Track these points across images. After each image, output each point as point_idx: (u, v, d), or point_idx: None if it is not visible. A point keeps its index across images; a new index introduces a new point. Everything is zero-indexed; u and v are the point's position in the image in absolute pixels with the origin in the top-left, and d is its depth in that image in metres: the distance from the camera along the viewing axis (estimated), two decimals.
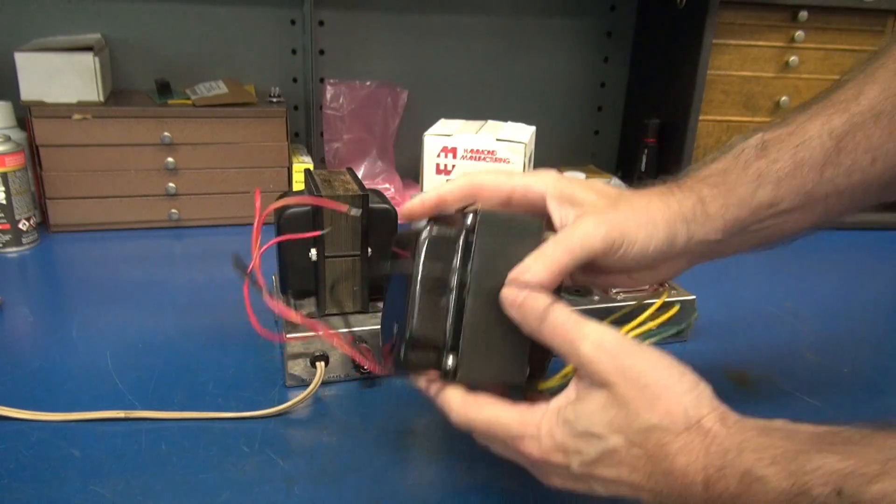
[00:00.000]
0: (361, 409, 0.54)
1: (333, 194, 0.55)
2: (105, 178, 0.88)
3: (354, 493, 0.44)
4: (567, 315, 0.37)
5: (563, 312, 0.37)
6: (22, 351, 0.61)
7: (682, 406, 0.34)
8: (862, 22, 0.98)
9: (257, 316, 0.68)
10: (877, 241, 1.00)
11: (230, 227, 0.94)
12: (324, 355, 0.55)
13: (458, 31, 1.12)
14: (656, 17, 1.12)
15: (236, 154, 0.91)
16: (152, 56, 1.02)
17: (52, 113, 0.84)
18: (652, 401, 0.35)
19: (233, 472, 0.46)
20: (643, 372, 0.35)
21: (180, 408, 0.52)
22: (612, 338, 0.36)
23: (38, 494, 0.43)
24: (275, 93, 0.97)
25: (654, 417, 0.34)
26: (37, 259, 0.82)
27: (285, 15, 1.05)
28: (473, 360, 0.40)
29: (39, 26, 0.97)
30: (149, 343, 0.62)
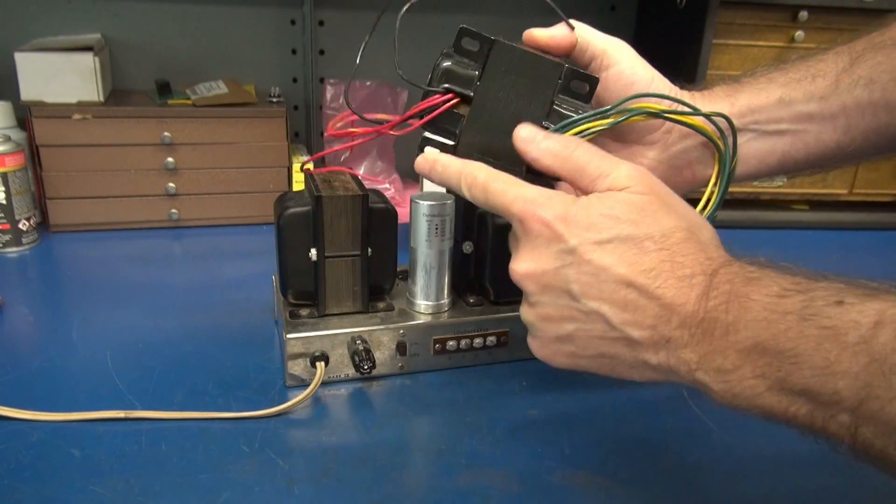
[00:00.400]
0: (361, 409, 0.54)
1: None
2: (105, 178, 0.88)
3: (354, 493, 0.44)
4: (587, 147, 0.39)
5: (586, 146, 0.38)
6: (22, 351, 0.61)
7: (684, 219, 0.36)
8: (862, 22, 0.97)
9: (257, 315, 0.68)
10: (877, 241, 1.00)
11: (230, 227, 0.94)
12: (324, 355, 0.55)
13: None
14: (656, 17, 1.11)
15: (236, 154, 0.91)
16: (152, 56, 1.02)
17: (52, 113, 0.84)
18: (669, 206, 0.36)
19: (233, 472, 0.46)
20: (660, 192, 0.36)
21: (180, 408, 0.52)
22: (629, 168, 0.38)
23: (38, 494, 0.43)
24: (275, 93, 0.97)
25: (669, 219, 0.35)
26: (37, 259, 0.82)
27: (285, 15, 1.05)
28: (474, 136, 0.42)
29: (39, 26, 0.97)
30: (149, 343, 0.62)
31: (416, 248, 0.57)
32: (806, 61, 0.47)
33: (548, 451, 0.49)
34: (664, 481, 0.46)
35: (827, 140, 0.45)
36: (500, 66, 0.41)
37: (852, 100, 0.44)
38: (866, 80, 0.44)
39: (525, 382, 0.58)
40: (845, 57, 0.45)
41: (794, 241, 0.98)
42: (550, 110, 0.42)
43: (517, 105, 0.42)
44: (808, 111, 0.45)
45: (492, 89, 0.41)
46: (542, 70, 0.42)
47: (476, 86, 0.41)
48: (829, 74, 0.45)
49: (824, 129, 0.45)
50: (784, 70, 0.47)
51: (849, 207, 1.05)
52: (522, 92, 0.42)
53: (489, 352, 0.60)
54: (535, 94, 0.42)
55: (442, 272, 0.57)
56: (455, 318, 0.58)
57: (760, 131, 0.45)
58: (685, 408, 0.54)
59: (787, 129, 0.45)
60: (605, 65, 0.45)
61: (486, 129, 0.42)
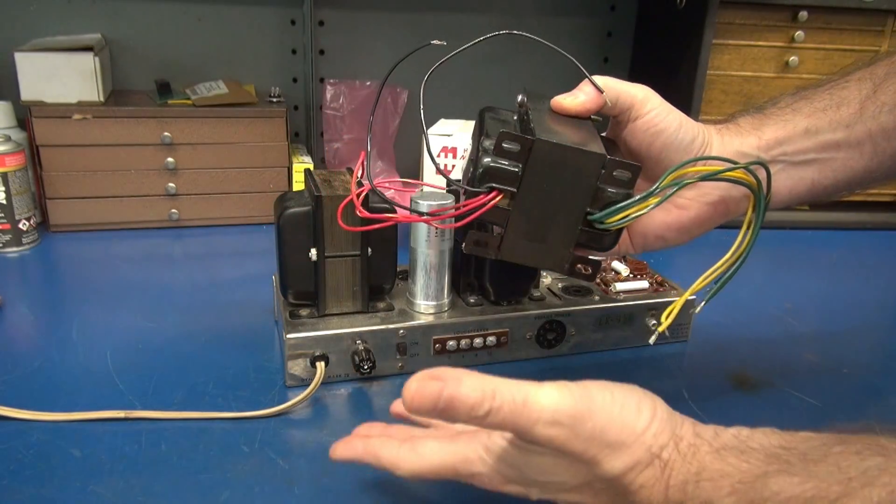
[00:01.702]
0: (361, 409, 0.54)
1: (337, 191, 0.55)
2: (105, 178, 0.88)
3: (354, 493, 0.44)
4: (509, 400, 0.32)
5: (503, 397, 0.32)
6: (22, 351, 0.61)
7: (645, 445, 0.33)
8: (862, 22, 0.98)
9: (257, 315, 0.68)
10: (877, 241, 1.00)
11: (230, 227, 0.94)
12: (324, 355, 0.55)
13: (458, 31, 1.12)
14: (656, 17, 1.11)
15: (236, 154, 0.91)
16: (152, 56, 1.02)
17: (52, 113, 0.84)
18: (614, 451, 0.33)
19: (233, 472, 0.46)
20: (602, 426, 0.33)
21: (180, 408, 0.52)
22: (565, 408, 0.32)
23: (38, 494, 0.43)
24: (275, 93, 0.97)
25: (618, 465, 0.33)
26: (37, 259, 0.82)
27: (285, 15, 1.05)
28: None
29: (39, 26, 0.97)
30: (149, 343, 0.62)
31: (416, 248, 0.57)
32: (828, 89, 0.47)
33: None
34: None
35: (855, 166, 0.46)
36: (542, 162, 0.42)
37: (877, 126, 0.44)
38: (891, 106, 0.44)
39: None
40: (868, 83, 0.46)
41: (794, 240, 0.98)
42: (595, 197, 0.43)
43: (561, 195, 0.43)
44: (835, 140, 0.45)
45: (535, 184, 0.42)
46: (584, 162, 0.42)
47: (519, 182, 0.42)
48: (853, 102, 0.45)
49: (851, 155, 0.45)
50: (808, 99, 0.47)
51: (849, 207, 1.05)
52: (566, 184, 0.43)
53: (489, 352, 0.60)
54: (577, 184, 0.43)
55: (442, 272, 0.57)
56: (455, 318, 0.58)
57: (788, 162, 0.45)
58: (686, 408, 0.54)
59: (815, 159, 0.46)
60: (633, 116, 0.46)
61: (530, 220, 0.43)
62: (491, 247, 0.43)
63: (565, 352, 0.63)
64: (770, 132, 0.46)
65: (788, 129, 0.46)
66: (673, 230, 0.47)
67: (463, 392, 0.32)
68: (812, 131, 0.45)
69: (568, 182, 0.43)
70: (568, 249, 0.44)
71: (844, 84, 0.47)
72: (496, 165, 0.43)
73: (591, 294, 0.64)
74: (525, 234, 0.43)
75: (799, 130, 0.45)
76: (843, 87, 0.46)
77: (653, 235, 0.47)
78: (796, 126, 0.46)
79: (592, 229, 0.44)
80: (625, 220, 0.43)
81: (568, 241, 0.43)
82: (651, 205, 0.42)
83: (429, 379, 0.33)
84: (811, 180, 0.46)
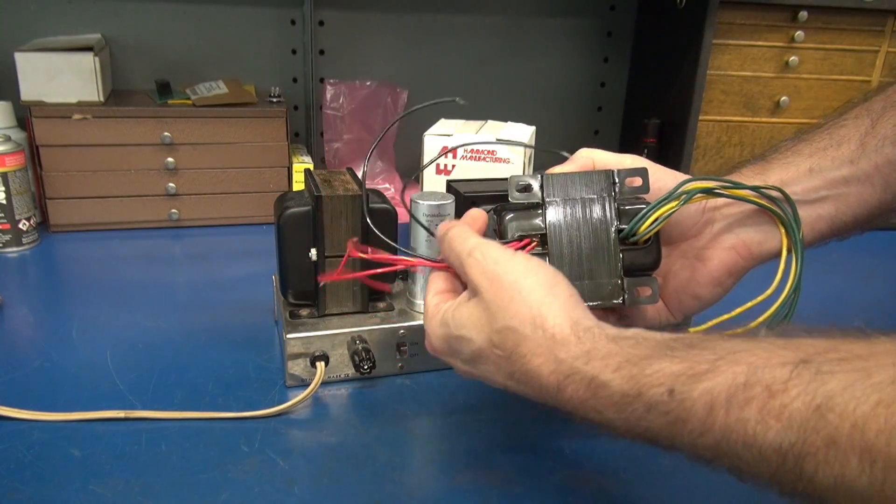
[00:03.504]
0: (361, 409, 0.54)
1: (330, 198, 0.54)
2: (105, 178, 0.88)
3: (354, 493, 0.44)
4: (461, 231, 0.42)
5: (459, 229, 0.42)
6: (22, 351, 0.61)
7: (529, 308, 0.36)
8: (862, 22, 0.98)
9: (257, 315, 0.68)
10: (877, 241, 1.00)
11: (230, 227, 0.94)
12: (324, 355, 0.55)
13: (458, 31, 1.12)
14: (656, 17, 1.12)
15: (236, 154, 0.91)
16: (152, 56, 1.02)
17: (52, 113, 0.84)
18: (507, 302, 0.37)
19: (233, 472, 0.46)
20: (508, 277, 0.37)
21: (180, 408, 0.52)
22: (493, 249, 0.39)
23: (38, 494, 0.43)
24: (275, 93, 0.97)
25: (507, 318, 0.37)
26: (37, 259, 0.82)
27: (285, 15, 1.05)
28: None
29: (39, 26, 0.97)
30: (149, 343, 0.62)
31: (416, 248, 0.57)
32: (827, 129, 0.47)
33: (548, 450, 0.49)
34: (664, 481, 0.46)
35: (869, 198, 0.46)
36: (557, 194, 0.44)
37: (883, 158, 0.45)
38: (892, 139, 0.45)
39: None
40: (865, 119, 0.46)
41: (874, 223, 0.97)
42: (618, 212, 0.44)
43: (587, 221, 0.44)
44: (842, 176, 0.46)
45: (559, 217, 0.44)
46: (595, 183, 0.44)
47: (544, 220, 0.44)
48: (853, 139, 0.46)
49: (863, 189, 0.46)
50: (808, 141, 0.48)
51: None
52: (587, 208, 0.44)
53: None
54: (597, 205, 0.44)
55: None
56: None
57: (800, 201, 0.46)
58: None
59: (826, 196, 0.46)
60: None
61: (571, 259, 0.44)
62: None
63: None
64: (775, 175, 0.46)
65: (792, 171, 0.46)
66: (703, 284, 0.47)
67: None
68: (816, 170, 0.46)
69: (588, 207, 0.44)
70: (617, 277, 0.44)
71: (843, 123, 0.47)
72: (518, 217, 0.44)
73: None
74: (570, 273, 0.43)
75: (803, 171, 0.46)
76: (842, 126, 0.47)
77: (686, 295, 0.47)
78: (799, 167, 0.46)
79: (632, 247, 0.44)
80: (657, 224, 0.43)
81: (613, 269, 0.44)
82: (676, 206, 0.43)
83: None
84: (829, 217, 0.46)
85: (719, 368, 0.29)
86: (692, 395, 0.29)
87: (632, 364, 0.32)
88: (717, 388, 0.29)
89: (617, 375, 0.33)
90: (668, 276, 0.48)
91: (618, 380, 0.32)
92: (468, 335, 0.39)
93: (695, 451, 0.30)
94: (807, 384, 0.27)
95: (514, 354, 0.37)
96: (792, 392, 0.27)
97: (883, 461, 0.24)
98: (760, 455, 0.27)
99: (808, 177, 0.46)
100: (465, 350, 0.40)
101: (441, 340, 0.42)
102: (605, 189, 0.44)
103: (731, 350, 0.30)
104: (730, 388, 0.28)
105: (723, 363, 0.30)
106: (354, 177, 0.60)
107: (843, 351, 0.27)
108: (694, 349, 0.31)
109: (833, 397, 0.26)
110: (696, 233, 0.47)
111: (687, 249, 0.48)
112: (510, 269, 0.38)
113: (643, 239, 0.44)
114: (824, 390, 0.26)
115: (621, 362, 0.33)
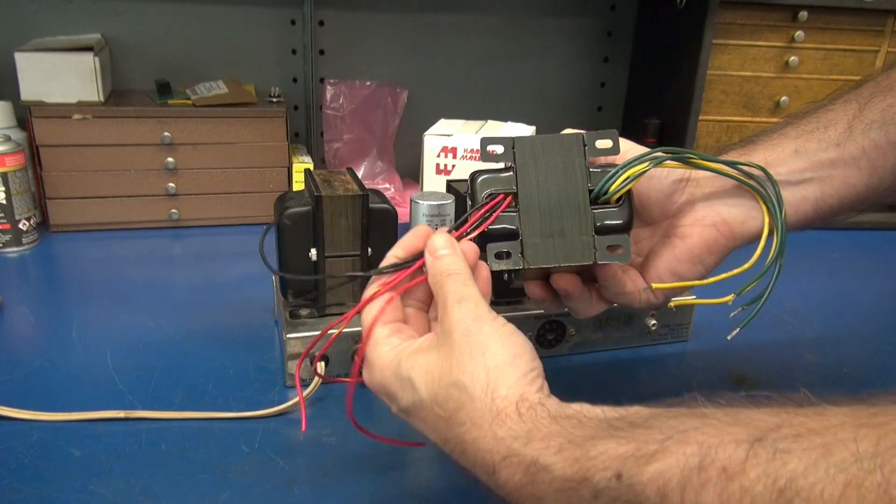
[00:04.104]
0: (361, 409, 0.54)
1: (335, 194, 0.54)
2: (105, 178, 0.88)
3: (354, 493, 0.44)
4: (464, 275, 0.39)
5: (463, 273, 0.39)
6: (22, 351, 0.61)
7: (486, 372, 0.34)
8: (862, 22, 0.98)
9: (257, 315, 0.68)
10: (877, 241, 1.00)
11: (230, 227, 0.94)
12: (324, 355, 0.55)
13: (457, 31, 1.12)
14: (656, 17, 1.12)
15: (236, 154, 0.91)
16: (152, 56, 1.02)
17: (52, 113, 0.84)
18: (467, 360, 0.35)
19: (233, 472, 0.46)
20: (479, 336, 0.35)
21: (180, 408, 0.52)
22: (482, 307, 0.37)
23: (38, 494, 0.43)
24: (275, 93, 0.97)
25: (460, 374, 0.34)
26: (37, 259, 0.82)
27: (285, 15, 1.05)
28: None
29: (39, 26, 0.97)
30: (149, 343, 0.62)
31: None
32: (814, 113, 0.47)
33: None
34: None
35: (856, 182, 0.46)
36: (529, 157, 0.44)
37: (870, 142, 0.45)
38: (880, 123, 0.45)
39: None
40: (854, 104, 0.46)
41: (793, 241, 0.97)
42: (589, 173, 0.44)
43: (558, 181, 0.44)
44: (828, 158, 0.45)
45: (530, 177, 0.44)
46: (565, 145, 0.44)
47: (515, 180, 0.44)
48: (840, 123, 0.46)
49: (849, 172, 0.45)
50: (795, 125, 0.47)
51: None
52: (557, 169, 0.44)
53: None
54: (568, 165, 0.44)
55: None
56: None
57: (784, 182, 0.46)
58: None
59: (812, 178, 0.46)
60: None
61: (541, 216, 0.44)
62: (514, 254, 0.44)
63: (565, 352, 0.63)
64: (759, 156, 0.46)
65: (777, 152, 0.46)
66: (684, 262, 0.46)
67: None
68: (801, 152, 0.46)
69: (559, 168, 0.44)
70: (589, 235, 0.44)
71: (830, 107, 0.47)
72: (489, 176, 0.44)
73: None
74: (541, 232, 0.43)
75: (788, 152, 0.46)
76: (829, 110, 0.47)
77: (666, 273, 0.47)
78: (785, 149, 0.46)
79: (603, 206, 0.44)
80: (628, 182, 0.43)
81: (584, 227, 0.44)
82: (650, 164, 0.43)
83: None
84: (814, 199, 0.46)
85: (668, 449, 0.27)
86: (642, 480, 0.27)
87: (575, 445, 0.30)
88: (669, 472, 0.27)
89: (559, 458, 0.30)
90: (650, 254, 0.48)
91: (560, 463, 0.30)
92: (416, 383, 0.36)
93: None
94: (766, 465, 0.25)
95: (453, 419, 0.34)
96: (751, 474, 0.25)
97: None
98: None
99: (793, 158, 0.46)
100: (405, 398, 0.37)
101: (381, 378, 0.38)
102: (576, 150, 0.44)
103: (678, 428, 0.28)
104: (683, 471, 0.26)
105: (671, 443, 0.28)
106: (354, 177, 0.60)
107: (796, 426, 0.26)
108: (639, 428, 0.30)
109: (796, 479, 0.24)
110: (676, 211, 0.47)
111: (668, 227, 0.47)
112: (484, 328, 0.36)
113: (615, 197, 0.44)
114: (785, 471, 0.24)
115: (563, 443, 0.31)
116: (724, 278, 0.47)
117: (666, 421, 0.29)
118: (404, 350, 0.38)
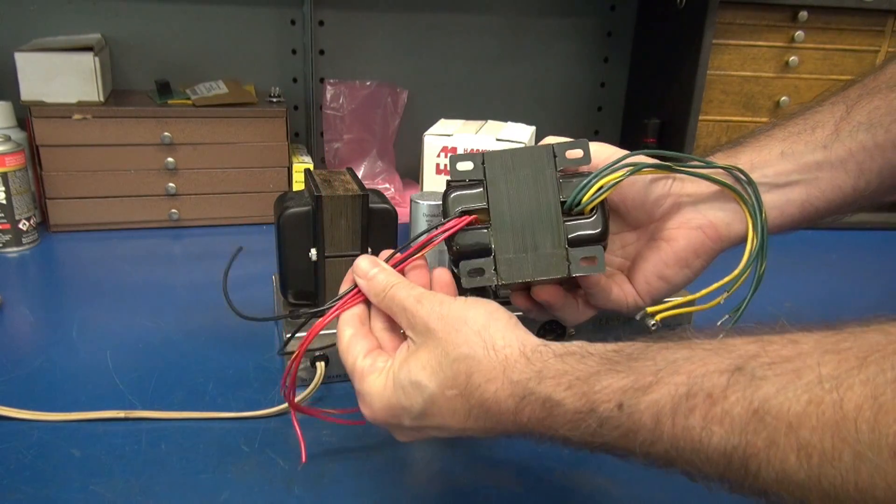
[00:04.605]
0: None
1: (333, 194, 0.55)
2: (105, 178, 0.88)
3: (354, 493, 0.44)
4: (404, 283, 0.41)
5: (402, 283, 0.41)
6: (22, 351, 0.61)
7: (477, 333, 0.37)
8: (862, 22, 0.98)
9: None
10: (877, 241, 1.00)
11: (230, 227, 0.94)
12: (324, 355, 0.55)
13: (457, 31, 1.12)
14: (656, 17, 1.12)
15: (236, 154, 0.91)
16: (152, 56, 1.02)
17: (52, 113, 0.84)
18: (455, 334, 0.37)
19: (233, 472, 0.46)
20: (453, 313, 0.38)
21: (180, 408, 0.52)
22: (439, 294, 0.40)
23: (38, 494, 0.43)
24: (275, 93, 0.97)
25: (458, 347, 0.36)
26: (37, 259, 0.82)
27: (285, 15, 1.05)
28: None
29: (39, 26, 0.97)
30: (149, 343, 0.62)
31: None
32: (802, 115, 0.47)
33: (548, 451, 0.49)
34: (664, 481, 0.46)
35: (842, 185, 0.46)
36: (498, 171, 0.44)
37: (857, 144, 0.45)
38: (867, 125, 0.45)
39: None
40: (841, 106, 0.46)
41: (794, 241, 0.97)
42: (560, 185, 0.44)
43: (529, 194, 0.44)
44: (815, 160, 0.45)
45: (501, 192, 0.44)
46: (535, 157, 0.44)
47: (486, 196, 0.44)
48: (827, 124, 0.46)
49: (836, 174, 0.45)
50: (782, 126, 0.47)
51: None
52: (528, 182, 0.44)
53: None
54: (539, 178, 0.44)
55: None
56: None
57: (770, 184, 0.46)
58: None
59: (798, 180, 0.46)
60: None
61: (514, 231, 0.44)
62: (487, 271, 0.43)
63: None
64: (745, 158, 0.46)
65: (764, 154, 0.46)
66: (671, 265, 0.46)
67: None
68: (788, 154, 0.46)
69: (530, 181, 0.43)
70: (562, 248, 0.43)
71: (818, 109, 0.47)
72: (460, 193, 0.44)
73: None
74: (514, 247, 0.43)
75: (775, 154, 0.46)
76: (816, 112, 0.47)
77: (653, 276, 0.47)
78: (771, 150, 0.46)
79: (576, 218, 0.44)
80: (601, 192, 0.43)
81: (558, 240, 0.43)
82: (620, 176, 0.42)
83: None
84: (800, 201, 0.46)
85: (662, 380, 0.31)
86: (640, 408, 0.31)
87: (581, 381, 0.34)
88: (662, 400, 0.30)
89: (569, 393, 0.34)
90: (637, 258, 0.48)
91: (570, 398, 0.33)
92: (420, 380, 0.37)
93: (648, 459, 0.32)
94: (744, 390, 0.29)
95: (468, 387, 0.36)
96: (731, 398, 0.29)
97: (818, 456, 0.26)
98: (708, 459, 0.29)
99: (780, 160, 0.46)
100: (415, 402, 0.37)
101: (382, 402, 0.39)
102: (546, 162, 0.43)
103: (669, 359, 0.32)
104: (673, 399, 0.30)
105: (664, 374, 0.31)
106: (354, 177, 0.60)
107: (771, 353, 0.30)
108: (635, 361, 0.33)
109: (769, 400, 0.28)
110: (662, 214, 0.47)
111: (654, 231, 0.47)
112: (453, 307, 0.38)
113: (588, 208, 0.43)
114: (760, 394, 0.28)
115: (572, 380, 0.34)
116: (715, 288, 0.46)
117: (659, 352, 0.33)
118: (392, 366, 0.39)
